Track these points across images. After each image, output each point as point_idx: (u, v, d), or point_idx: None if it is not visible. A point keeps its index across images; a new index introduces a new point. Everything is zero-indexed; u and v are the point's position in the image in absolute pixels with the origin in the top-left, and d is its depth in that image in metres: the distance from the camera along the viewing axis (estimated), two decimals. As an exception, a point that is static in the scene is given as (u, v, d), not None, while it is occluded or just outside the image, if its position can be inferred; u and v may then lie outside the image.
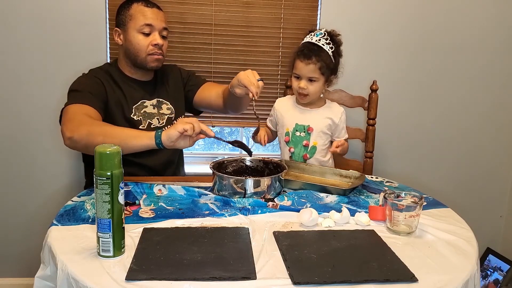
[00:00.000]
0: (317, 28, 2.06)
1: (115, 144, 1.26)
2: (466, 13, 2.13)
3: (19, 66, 1.94)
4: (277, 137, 1.76)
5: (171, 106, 1.68)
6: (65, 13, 1.92)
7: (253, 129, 1.76)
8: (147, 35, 1.55)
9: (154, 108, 1.63)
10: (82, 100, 1.45)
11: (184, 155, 1.84)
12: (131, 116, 1.57)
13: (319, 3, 2.06)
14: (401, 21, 2.11)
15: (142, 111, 1.60)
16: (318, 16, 2.07)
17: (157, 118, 1.63)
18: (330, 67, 1.59)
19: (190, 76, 1.80)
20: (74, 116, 1.39)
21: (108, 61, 1.98)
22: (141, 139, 1.33)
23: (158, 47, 1.57)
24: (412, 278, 0.90)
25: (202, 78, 1.83)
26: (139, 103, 1.61)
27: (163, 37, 1.59)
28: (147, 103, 1.63)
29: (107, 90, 1.55)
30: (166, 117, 1.65)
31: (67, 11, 1.92)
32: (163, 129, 1.34)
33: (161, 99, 1.66)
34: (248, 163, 1.51)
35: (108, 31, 1.97)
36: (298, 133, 1.65)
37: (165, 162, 1.66)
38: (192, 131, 1.28)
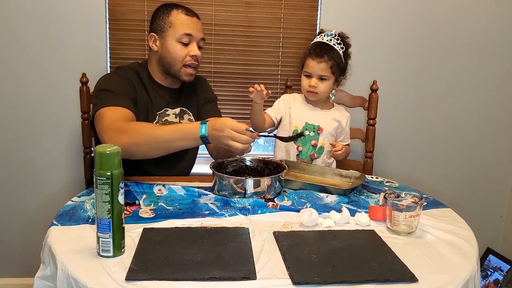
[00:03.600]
0: (317, 27, 2.07)
1: (161, 150, 1.34)
2: (466, 13, 2.13)
3: (19, 66, 1.94)
4: (268, 127, 1.73)
5: (192, 117, 1.66)
6: (65, 13, 1.92)
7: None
8: (186, 45, 1.52)
9: (176, 118, 1.61)
10: (116, 102, 1.42)
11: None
12: (153, 122, 1.55)
13: (319, 3, 2.06)
14: (401, 21, 2.11)
15: (163, 119, 1.58)
16: (318, 16, 2.07)
17: None
18: (340, 66, 1.61)
19: (212, 102, 1.76)
20: (112, 123, 1.36)
21: (109, 62, 1.98)
22: (187, 142, 1.33)
23: (195, 58, 1.54)
24: (412, 278, 0.90)
25: (219, 113, 1.76)
26: (162, 110, 1.58)
27: (199, 48, 1.57)
28: (170, 111, 1.60)
29: (137, 92, 1.52)
30: None
31: (67, 11, 1.92)
32: (206, 125, 1.29)
33: (184, 109, 1.64)
34: (248, 163, 1.51)
35: (108, 31, 1.97)
36: (307, 132, 1.65)
37: (179, 174, 1.65)
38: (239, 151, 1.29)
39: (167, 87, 1.62)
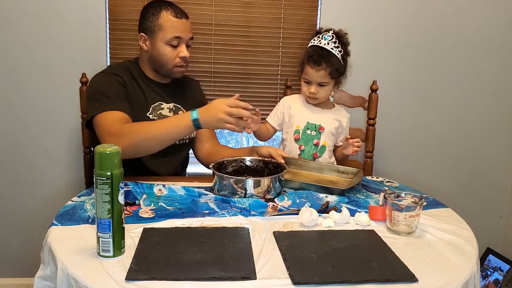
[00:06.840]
0: (317, 27, 2.06)
1: (161, 145, 1.41)
2: (466, 13, 2.13)
3: (19, 66, 1.94)
4: (273, 135, 1.76)
5: None
6: (65, 13, 1.92)
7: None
8: (175, 46, 1.54)
9: (170, 112, 1.62)
10: (110, 106, 1.44)
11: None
12: (148, 114, 1.57)
13: (319, 3, 2.06)
14: (401, 20, 2.11)
15: (158, 112, 1.59)
16: (318, 16, 2.07)
17: None
18: (339, 70, 1.60)
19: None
20: (110, 127, 1.40)
21: (109, 62, 1.98)
22: (181, 129, 1.38)
23: (184, 59, 1.56)
24: (412, 278, 0.90)
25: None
26: (156, 103, 1.60)
27: (188, 46, 1.58)
28: (164, 105, 1.62)
29: (129, 88, 1.55)
30: None
31: (67, 11, 1.92)
32: (198, 113, 1.35)
33: (178, 105, 1.66)
34: (248, 163, 1.51)
35: (108, 31, 1.97)
36: (309, 132, 1.66)
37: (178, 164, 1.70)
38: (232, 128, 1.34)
39: (159, 82, 1.64)
